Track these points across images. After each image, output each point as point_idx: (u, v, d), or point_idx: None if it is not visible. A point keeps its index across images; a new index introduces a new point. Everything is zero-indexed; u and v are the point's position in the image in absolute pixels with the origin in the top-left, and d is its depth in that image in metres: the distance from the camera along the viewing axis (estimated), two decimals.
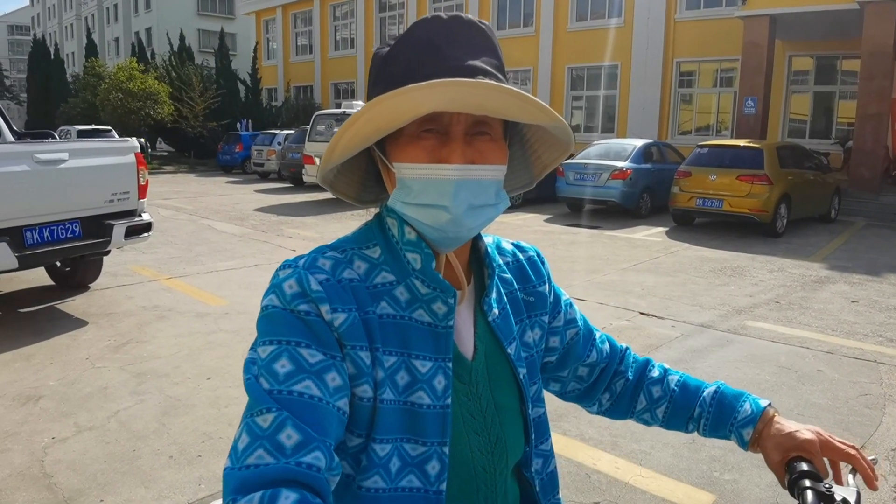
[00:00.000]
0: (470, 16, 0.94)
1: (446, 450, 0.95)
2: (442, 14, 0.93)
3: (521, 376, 1.06)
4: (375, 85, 0.95)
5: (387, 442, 0.92)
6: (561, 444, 3.65)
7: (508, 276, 1.13)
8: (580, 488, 3.26)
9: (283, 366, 0.85)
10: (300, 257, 0.95)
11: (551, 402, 1.35)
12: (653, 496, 3.21)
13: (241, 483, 0.76)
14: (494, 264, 1.08)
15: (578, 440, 3.75)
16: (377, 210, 1.05)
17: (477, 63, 0.90)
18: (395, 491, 0.93)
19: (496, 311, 1.05)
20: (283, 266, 0.94)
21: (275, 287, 0.91)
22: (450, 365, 0.96)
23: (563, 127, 0.95)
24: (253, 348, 0.91)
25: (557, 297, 1.22)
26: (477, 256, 1.08)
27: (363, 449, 0.92)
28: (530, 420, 1.09)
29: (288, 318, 0.88)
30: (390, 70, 0.92)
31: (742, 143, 12.47)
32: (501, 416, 1.04)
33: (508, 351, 1.05)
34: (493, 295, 1.06)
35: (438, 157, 0.89)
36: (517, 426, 1.07)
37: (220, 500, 1.10)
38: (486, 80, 0.82)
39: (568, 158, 15.07)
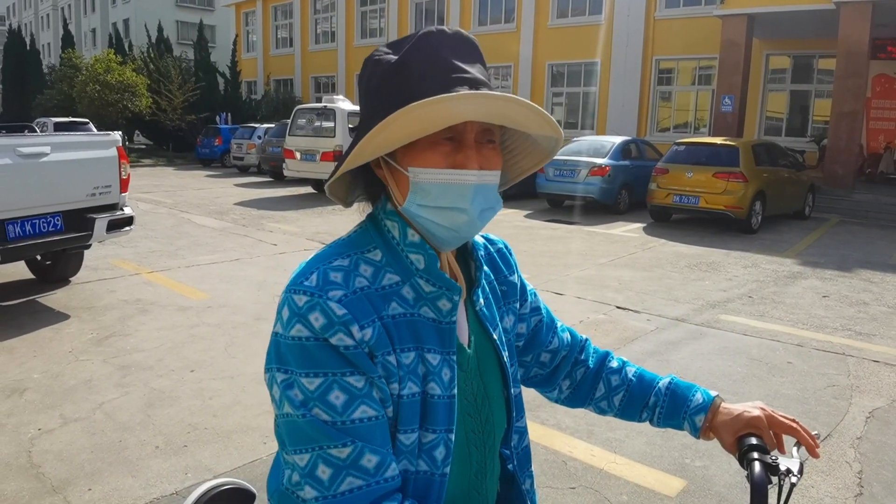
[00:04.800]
0: (465, 31, 1.03)
1: (452, 436, 1.04)
2: (445, 28, 1.01)
3: (505, 359, 1.16)
4: (387, 91, 0.98)
5: (411, 431, 1.01)
6: (538, 432, 3.76)
7: (486, 268, 1.22)
8: (556, 475, 3.36)
9: (337, 397, 0.93)
10: (309, 271, 0.98)
11: (528, 392, 1.45)
12: (626, 482, 3.33)
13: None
14: (480, 257, 1.17)
15: (555, 429, 3.86)
16: (365, 208, 1.12)
17: (479, 75, 0.98)
18: (416, 474, 1.02)
19: (482, 300, 1.15)
20: (298, 290, 0.96)
21: (300, 317, 0.94)
22: (454, 357, 1.05)
23: (557, 138, 1.05)
24: (287, 371, 0.95)
25: (524, 287, 1.32)
26: (461, 251, 1.16)
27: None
28: (512, 399, 1.19)
29: (325, 349, 0.93)
30: (403, 76, 0.97)
31: (718, 140, 12.65)
32: (489, 398, 1.14)
33: (494, 337, 1.15)
34: (480, 287, 1.15)
35: (454, 163, 0.97)
36: (500, 406, 1.17)
37: (205, 485, 1.18)
38: (510, 95, 0.92)
39: None
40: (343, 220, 10.16)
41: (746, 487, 1.05)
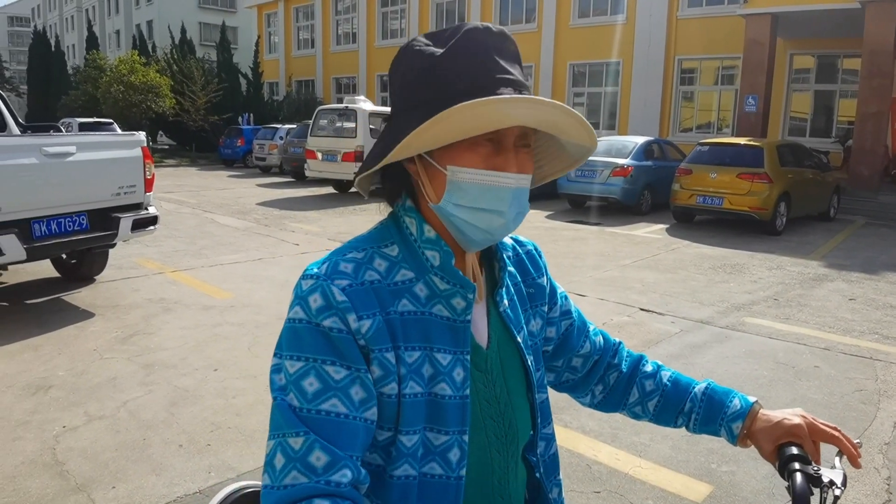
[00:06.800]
0: (508, 31, 1.00)
1: (466, 438, 1.01)
2: (491, 25, 0.98)
3: (529, 363, 1.13)
4: (426, 85, 0.96)
5: (413, 433, 0.98)
6: (562, 435, 3.72)
7: (512, 269, 1.19)
8: (581, 479, 3.33)
9: (311, 384, 0.91)
10: (322, 262, 0.99)
11: (551, 394, 1.42)
12: (652, 487, 3.29)
13: (279, 501, 0.87)
14: (505, 258, 1.15)
15: (579, 432, 3.83)
16: (385, 208, 1.10)
17: (520, 77, 0.97)
18: (424, 477, 0.99)
19: (506, 301, 1.12)
20: (306, 275, 0.97)
21: (300, 300, 0.95)
22: (468, 357, 1.02)
23: (590, 148, 1.04)
24: (279, 355, 0.95)
25: (554, 290, 1.29)
26: (486, 251, 1.14)
27: (392, 442, 0.98)
28: (536, 405, 1.16)
29: (314, 333, 0.93)
30: (445, 72, 0.94)
31: (742, 141, 12.52)
32: (513, 402, 1.10)
33: (518, 339, 1.12)
34: (504, 287, 1.13)
35: (494, 165, 0.95)
36: (525, 411, 1.14)
37: (229, 487, 1.17)
38: (559, 103, 0.91)
39: None
40: (363, 220, 10.17)
41: (776, 494, 1.03)
